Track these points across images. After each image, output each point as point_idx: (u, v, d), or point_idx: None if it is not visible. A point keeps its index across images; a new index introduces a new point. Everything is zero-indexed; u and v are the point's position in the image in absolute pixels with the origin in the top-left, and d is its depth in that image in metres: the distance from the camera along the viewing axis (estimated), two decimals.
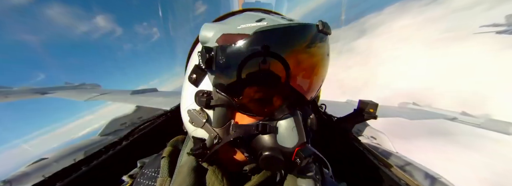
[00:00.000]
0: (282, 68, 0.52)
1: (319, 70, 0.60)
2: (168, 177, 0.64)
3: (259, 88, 0.57)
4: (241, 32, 0.54)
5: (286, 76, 0.53)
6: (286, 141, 0.56)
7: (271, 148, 0.55)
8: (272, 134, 0.56)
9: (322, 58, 0.59)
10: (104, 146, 1.51)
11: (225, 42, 0.55)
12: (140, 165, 0.80)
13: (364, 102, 1.41)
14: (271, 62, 0.52)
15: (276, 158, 0.54)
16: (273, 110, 0.59)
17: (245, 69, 0.52)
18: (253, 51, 0.52)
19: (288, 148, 0.55)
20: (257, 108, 0.58)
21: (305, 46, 0.55)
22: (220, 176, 0.64)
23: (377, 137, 3.97)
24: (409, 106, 7.69)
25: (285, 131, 0.56)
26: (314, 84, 0.62)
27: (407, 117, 6.24)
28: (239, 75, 0.53)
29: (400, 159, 3.27)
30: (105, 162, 1.36)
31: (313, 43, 0.56)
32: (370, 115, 1.39)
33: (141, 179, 0.68)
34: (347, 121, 1.68)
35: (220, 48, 0.54)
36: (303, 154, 0.53)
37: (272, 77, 0.54)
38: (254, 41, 0.52)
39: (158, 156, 0.79)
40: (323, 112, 2.23)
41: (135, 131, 1.79)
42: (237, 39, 0.52)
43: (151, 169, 0.71)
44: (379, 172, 1.34)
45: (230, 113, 0.61)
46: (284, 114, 0.58)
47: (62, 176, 1.15)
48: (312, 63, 0.58)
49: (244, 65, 0.52)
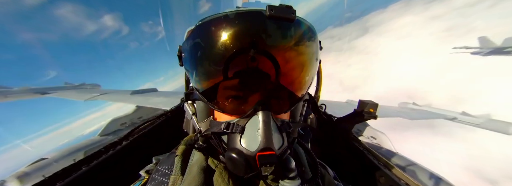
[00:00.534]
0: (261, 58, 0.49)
1: (285, 61, 0.52)
2: (180, 175, 0.65)
3: (231, 84, 0.54)
4: (192, 27, 0.56)
5: (274, 70, 0.51)
6: (249, 143, 0.50)
7: (235, 149, 0.51)
8: (238, 135, 0.52)
9: (284, 46, 0.52)
10: (104, 146, 1.51)
11: (185, 38, 0.58)
12: (156, 161, 0.82)
13: (364, 102, 1.41)
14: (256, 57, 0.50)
15: (237, 160, 0.49)
16: (247, 109, 0.55)
17: (199, 65, 0.54)
18: (194, 44, 0.53)
19: (250, 151, 0.49)
20: (228, 105, 0.57)
21: (248, 34, 0.49)
22: (227, 178, 0.64)
23: (377, 137, 3.96)
24: (409, 106, 7.69)
25: (249, 133, 0.52)
26: (292, 79, 0.56)
27: (407, 117, 6.24)
28: (197, 70, 0.55)
29: (401, 159, 3.27)
30: (105, 162, 1.36)
31: (259, 30, 0.49)
32: (370, 115, 1.39)
33: (156, 175, 0.70)
34: (347, 121, 1.68)
35: (182, 45, 0.58)
36: (263, 161, 0.47)
37: (256, 73, 0.51)
38: (195, 33, 0.53)
39: (171, 153, 0.80)
40: (323, 112, 2.23)
41: (135, 131, 1.79)
42: (188, 35, 0.55)
43: (165, 166, 0.72)
44: (379, 172, 1.34)
45: (210, 108, 0.62)
46: (254, 113, 0.53)
47: (62, 176, 1.15)
48: (273, 50, 0.51)
49: (195, 59, 0.53)
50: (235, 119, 0.56)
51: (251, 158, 0.48)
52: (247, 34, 0.49)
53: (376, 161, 1.42)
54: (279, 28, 0.50)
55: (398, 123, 13.82)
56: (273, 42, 0.50)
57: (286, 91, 0.57)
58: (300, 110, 0.69)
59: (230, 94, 0.55)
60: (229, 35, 0.48)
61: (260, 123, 0.50)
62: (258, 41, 0.49)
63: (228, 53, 0.49)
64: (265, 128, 0.50)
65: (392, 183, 1.26)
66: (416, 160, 2.57)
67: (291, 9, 0.48)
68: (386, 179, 1.29)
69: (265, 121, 0.50)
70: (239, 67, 0.51)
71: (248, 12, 0.49)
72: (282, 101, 0.59)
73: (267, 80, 0.53)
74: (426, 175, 2.64)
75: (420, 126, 17.17)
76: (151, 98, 7.02)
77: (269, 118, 0.51)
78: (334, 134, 1.80)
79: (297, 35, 0.53)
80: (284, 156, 0.53)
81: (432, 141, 16.85)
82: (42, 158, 5.01)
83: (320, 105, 2.19)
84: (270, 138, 0.49)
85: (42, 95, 10.89)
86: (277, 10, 0.46)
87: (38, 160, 4.91)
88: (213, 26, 0.50)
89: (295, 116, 0.68)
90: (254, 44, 0.48)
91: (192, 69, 0.57)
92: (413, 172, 2.65)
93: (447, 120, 6.91)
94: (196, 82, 0.58)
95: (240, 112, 0.56)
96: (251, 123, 0.52)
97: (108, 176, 1.34)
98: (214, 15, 0.51)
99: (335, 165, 1.01)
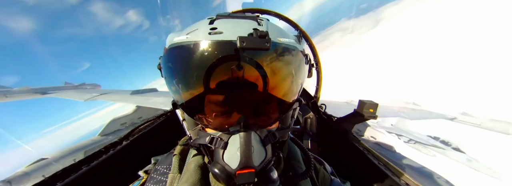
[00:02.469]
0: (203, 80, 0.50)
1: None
2: (178, 174, 0.67)
3: (213, 99, 0.54)
4: (167, 45, 0.58)
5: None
6: (230, 161, 0.51)
7: (217, 164, 0.52)
8: (221, 150, 0.53)
9: (262, 65, 0.51)
10: (104, 146, 1.51)
11: (163, 53, 0.59)
12: (154, 161, 0.84)
13: (364, 101, 1.41)
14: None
15: (219, 176, 0.51)
16: (225, 125, 0.55)
17: (177, 80, 0.54)
18: (167, 67, 0.55)
19: (231, 168, 0.50)
20: (208, 121, 0.58)
21: (206, 64, 0.49)
22: None
23: (377, 137, 3.96)
24: (409, 105, 7.68)
25: (230, 150, 0.52)
26: (271, 97, 0.56)
27: (407, 116, 6.25)
28: (170, 84, 0.56)
29: (401, 159, 3.28)
30: (105, 162, 1.36)
31: (223, 61, 0.49)
32: (370, 115, 1.39)
33: (154, 175, 0.72)
34: (347, 121, 1.68)
35: (161, 58, 0.59)
36: (242, 180, 0.48)
37: (236, 86, 0.51)
38: (166, 57, 0.56)
39: (170, 153, 0.83)
40: (323, 112, 2.23)
41: (135, 131, 1.79)
42: (165, 52, 0.57)
43: (164, 166, 0.74)
44: (379, 172, 1.34)
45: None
46: (236, 130, 0.53)
47: (62, 176, 1.15)
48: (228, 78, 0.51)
49: (173, 77, 0.55)
50: (218, 132, 0.58)
51: (232, 174, 0.50)
52: (222, 64, 0.49)
53: (376, 161, 1.42)
54: (254, 55, 0.50)
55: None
56: (249, 69, 0.50)
57: (270, 105, 0.58)
58: (290, 115, 0.69)
59: (211, 109, 0.56)
60: (201, 65, 0.50)
61: (240, 142, 0.52)
62: (233, 68, 0.49)
63: (203, 78, 0.50)
64: (245, 147, 0.51)
65: (392, 183, 1.26)
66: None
67: (266, 38, 0.47)
68: (386, 179, 1.29)
69: (245, 140, 0.52)
70: (220, 83, 0.51)
71: (220, 42, 0.49)
72: (265, 115, 0.59)
73: (249, 96, 0.54)
74: (426, 175, 2.64)
75: None
76: (151, 98, 7.02)
77: (249, 137, 0.52)
78: (334, 134, 1.80)
79: (272, 57, 0.53)
80: (267, 167, 0.54)
81: None
82: (42, 158, 5.01)
83: (320, 105, 2.19)
84: (250, 156, 0.50)
85: (42, 95, 10.89)
86: (249, 42, 0.46)
87: (38, 160, 4.91)
88: (185, 53, 0.52)
89: (285, 121, 0.68)
90: (233, 70, 0.49)
91: (171, 86, 0.58)
92: (413, 172, 2.65)
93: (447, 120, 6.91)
94: (177, 98, 0.60)
95: (222, 127, 0.56)
96: (233, 140, 0.53)
97: (108, 176, 1.34)
98: (185, 41, 0.52)
99: (335, 164, 1.01)
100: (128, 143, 1.59)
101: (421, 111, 7.18)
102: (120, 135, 1.70)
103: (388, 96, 25.48)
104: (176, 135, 1.98)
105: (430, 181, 2.56)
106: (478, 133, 6.70)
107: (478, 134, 6.80)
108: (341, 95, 28.57)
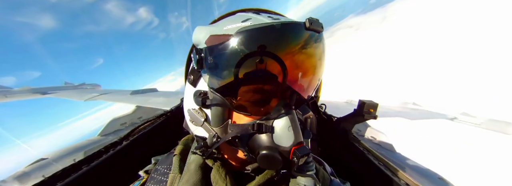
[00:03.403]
0: (277, 67, 0.53)
1: (309, 69, 0.58)
2: (178, 174, 0.68)
3: (252, 88, 0.57)
4: (226, 33, 0.55)
5: (283, 76, 0.54)
6: (282, 140, 0.56)
7: (268, 147, 0.56)
8: (268, 134, 0.57)
9: (311, 56, 0.57)
10: (104, 146, 1.51)
11: (212, 43, 0.57)
12: (154, 161, 0.84)
13: (364, 101, 1.41)
14: (267, 62, 0.52)
15: (274, 156, 0.54)
16: (269, 110, 0.59)
17: (236, 69, 0.53)
18: (240, 51, 0.52)
19: (285, 147, 0.55)
20: (251, 107, 0.59)
21: (291, 45, 0.54)
22: (224, 174, 0.66)
23: (377, 137, 3.96)
24: (409, 106, 7.69)
25: (281, 131, 0.57)
26: (307, 83, 0.61)
27: (407, 117, 6.25)
28: (230, 75, 0.54)
29: (401, 159, 3.28)
30: (105, 162, 1.36)
31: (300, 41, 0.55)
32: (370, 115, 1.39)
33: (155, 175, 0.72)
34: (347, 121, 1.68)
35: (208, 49, 0.57)
36: (300, 153, 0.54)
37: (266, 77, 0.54)
38: (234, 41, 0.53)
39: (170, 153, 0.82)
40: (323, 112, 2.23)
41: (135, 131, 1.79)
42: (222, 40, 0.54)
43: (164, 166, 0.75)
44: (379, 172, 1.34)
45: (227, 112, 0.62)
46: (279, 113, 0.58)
47: (62, 176, 1.15)
48: (300, 62, 0.56)
49: (234, 65, 0.53)
50: (256, 120, 0.60)
51: (285, 153, 0.55)
52: (286, 43, 0.54)
53: (376, 161, 1.42)
54: (312, 39, 0.56)
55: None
56: (295, 51, 0.55)
57: (300, 90, 0.62)
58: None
59: (253, 96, 0.58)
60: (270, 44, 0.52)
61: (290, 121, 0.57)
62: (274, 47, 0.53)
63: (241, 59, 0.52)
64: (295, 125, 0.57)
65: (392, 183, 1.26)
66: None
67: (319, 22, 0.55)
68: (386, 179, 1.29)
69: (293, 119, 0.57)
70: (250, 70, 0.54)
71: (292, 23, 0.54)
72: (296, 101, 0.64)
73: (280, 82, 0.57)
74: (426, 175, 2.64)
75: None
76: (151, 98, 7.03)
77: (295, 117, 0.58)
78: (334, 134, 1.80)
79: (316, 42, 0.58)
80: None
81: None
82: (42, 158, 5.01)
83: (320, 105, 2.18)
84: (299, 133, 0.57)
85: (42, 95, 10.90)
86: (315, 24, 0.53)
87: (38, 160, 4.90)
88: (254, 33, 0.53)
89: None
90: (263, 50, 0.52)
91: (218, 74, 0.57)
92: (413, 172, 2.65)
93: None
94: (222, 87, 0.58)
95: (263, 112, 0.60)
96: (281, 122, 0.57)
97: (108, 176, 1.34)
98: (253, 25, 0.53)
99: (334, 164, 1.01)
100: (128, 143, 1.59)
101: (421, 111, 7.19)
102: (120, 135, 1.70)
103: (388, 96, 25.47)
104: (176, 135, 1.98)
105: (430, 181, 2.56)
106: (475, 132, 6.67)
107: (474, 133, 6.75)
108: (341, 95, 28.58)
